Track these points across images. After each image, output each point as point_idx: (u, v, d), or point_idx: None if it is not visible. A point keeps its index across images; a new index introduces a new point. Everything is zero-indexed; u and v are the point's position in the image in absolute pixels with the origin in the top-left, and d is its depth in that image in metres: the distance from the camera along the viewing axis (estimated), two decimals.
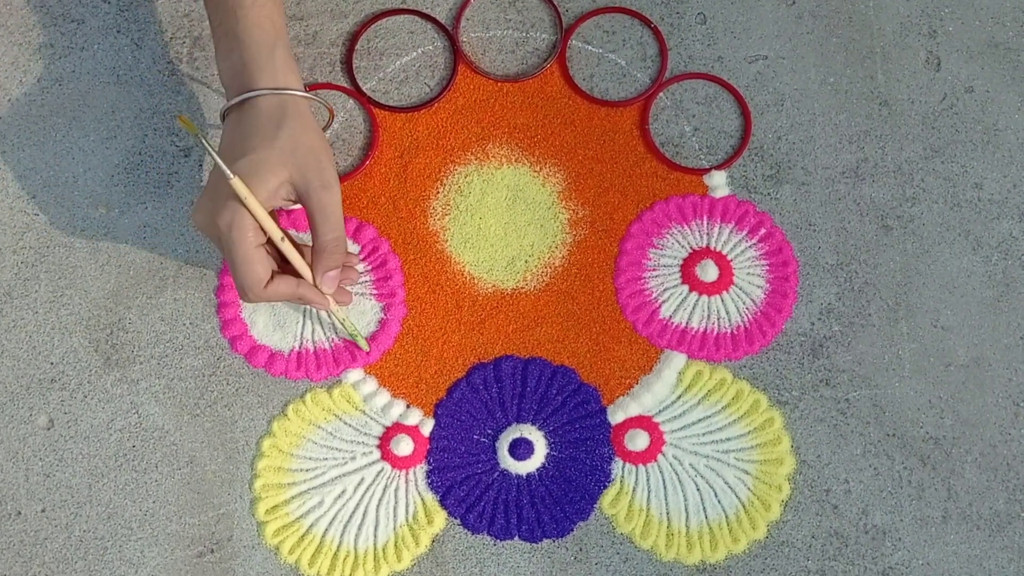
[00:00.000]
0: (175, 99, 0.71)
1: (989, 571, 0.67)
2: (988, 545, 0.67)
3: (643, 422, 0.68)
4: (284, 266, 0.63)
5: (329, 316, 0.67)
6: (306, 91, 0.62)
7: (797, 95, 0.72)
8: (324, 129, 0.68)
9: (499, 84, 0.72)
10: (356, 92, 0.71)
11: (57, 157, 0.70)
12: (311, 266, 0.62)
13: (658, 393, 0.68)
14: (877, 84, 0.72)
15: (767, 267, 0.70)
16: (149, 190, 0.70)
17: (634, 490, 0.68)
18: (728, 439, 0.68)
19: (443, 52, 0.72)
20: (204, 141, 0.58)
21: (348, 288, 0.67)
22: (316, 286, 0.63)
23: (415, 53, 0.72)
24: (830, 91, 0.72)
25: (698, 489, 0.68)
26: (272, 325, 0.68)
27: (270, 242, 0.61)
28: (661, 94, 0.72)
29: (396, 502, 0.67)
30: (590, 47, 0.72)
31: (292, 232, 0.68)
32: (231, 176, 0.58)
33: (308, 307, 0.68)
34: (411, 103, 0.72)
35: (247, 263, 0.59)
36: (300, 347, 0.68)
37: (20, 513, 0.67)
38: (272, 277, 0.61)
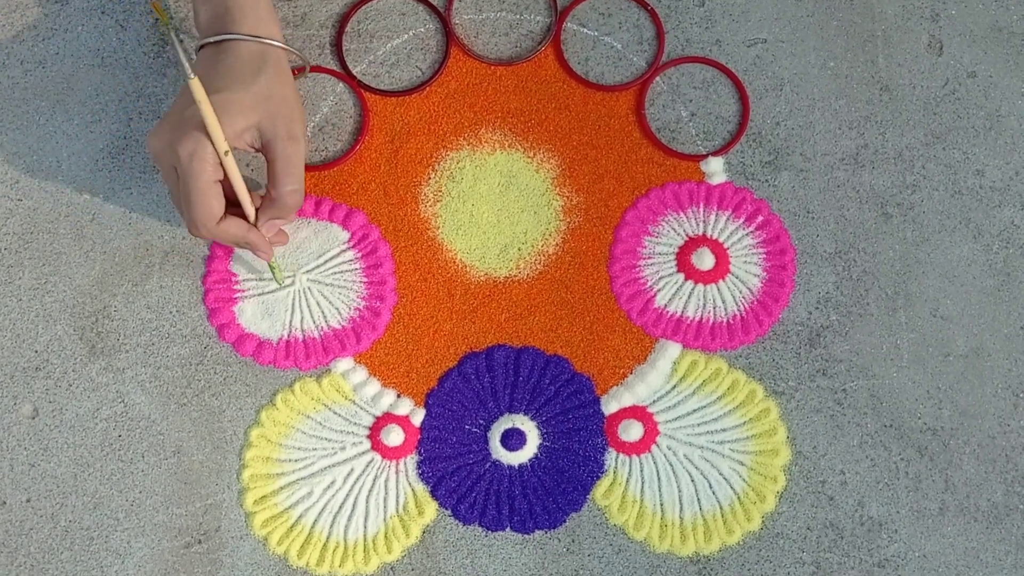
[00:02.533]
0: (161, 82, 0.69)
1: (986, 563, 0.67)
2: (985, 537, 0.67)
3: (637, 412, 0.67)
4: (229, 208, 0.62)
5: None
6: (284, 42, 0.62)
7: (796, 80, 0.70)
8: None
9: (492, 68, 0.70)
10: (346, 75, 0.70)
11: (40, 141, 0.69)
12: (257, 209, 0.62)
13: (652, 383, 0.67)
14: (878, 69, 0.70)
15: (764, 255, 0.68)
16: (134, 175, 0.69)
17: (627, 481, 0.67)
18: (723, 430, 0.67)
19: (435, 35, 0.71)
20: (173, 35, 0.57)
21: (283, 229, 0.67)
22: (255, 226, 0.62)
23: (406, 35, 0.71)
24: (830, 76, 0.70)
25: (692, 480, 0.67)
26: (260, 313, 0.67)
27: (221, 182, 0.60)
28: (658, 78, 0.70)
29: (386, 493, 0.67)
30: (585, 30, 0.71)
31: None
32: (191, 75, 0.57)
33: (297, 297, 0.67)
34: (402, 87, 0.70)
35: (203, 195, 0.59)
36: (288, 336, 0.67)
37: (5, 503, 0.66)
38: (224, 216, 0.60)
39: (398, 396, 0.67)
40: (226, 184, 0.61)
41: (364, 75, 0.70)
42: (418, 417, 0.67)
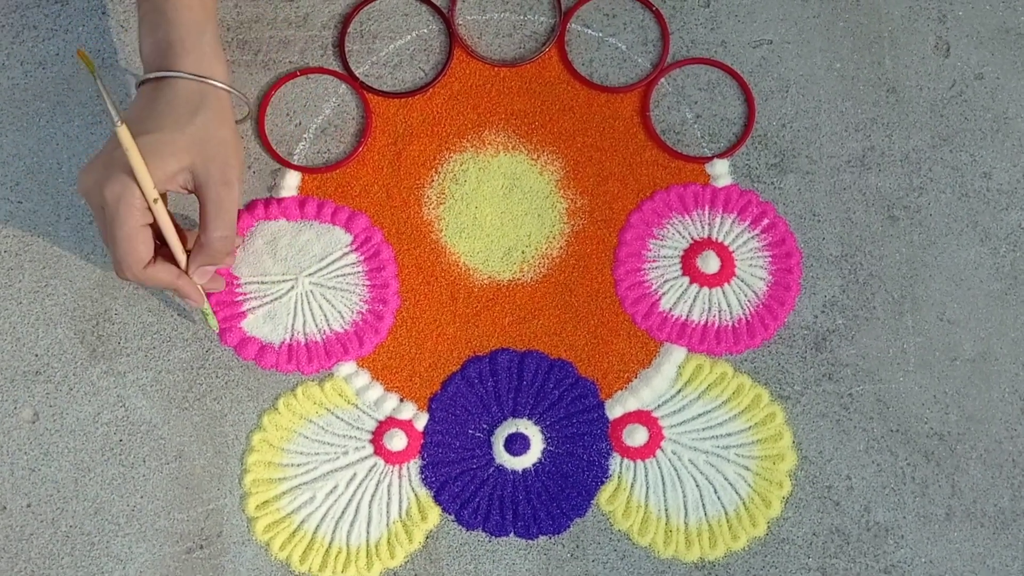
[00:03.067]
0: None
1: (993, 569, 0.66)
2: (992, 543, 0.66)
3: (642, 417, 0.67)
4: (161, 248, 0.61)
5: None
6: (228, 85, 0.61)
7: (802, 81, 0.70)
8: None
9: (496, 69, 0.70)
10: (348, 76, 0.69)
11: (40, 143, 0.68)
12: (188, 254, 0.61)
13: (657, 387, 0.67)
14: (885, 70, 0.70)
15: (770, 258, 0.68)
16: None
17: (632, 486, 0.66)
18: (728, 434, 0.67)
19: (438, 36, 0.70)
20: (99, 82, 0.55)
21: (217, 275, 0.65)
22: (187, 272, 0.61)
23: (409, 36, 0.70)
24: (836, 77, 0.70)
25: (697, 485, 0.66)
26: (262, 317, 0.67)
27: (152, 225, 0.59)
28: (662, 80, 0.70)
29: (389, 498, 0.66)
30: (590, 31, 0.70)
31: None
32: (118, 123, 0.56)
33: (299, 300, 0.67)
34: (405, 88, 0.70)
35: (130, 240, 0.58)
36: (291, 339, 0.67)
37: (5, 508, 0.66)
38: (154, 260, 0.59)
39: (401, 400, 0.67)
40: (156, 228, 0.60)
41: (367, 76, 0.70)
42: (421, 421, 0.67)
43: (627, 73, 0.70)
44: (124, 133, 0.56)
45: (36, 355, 0.67)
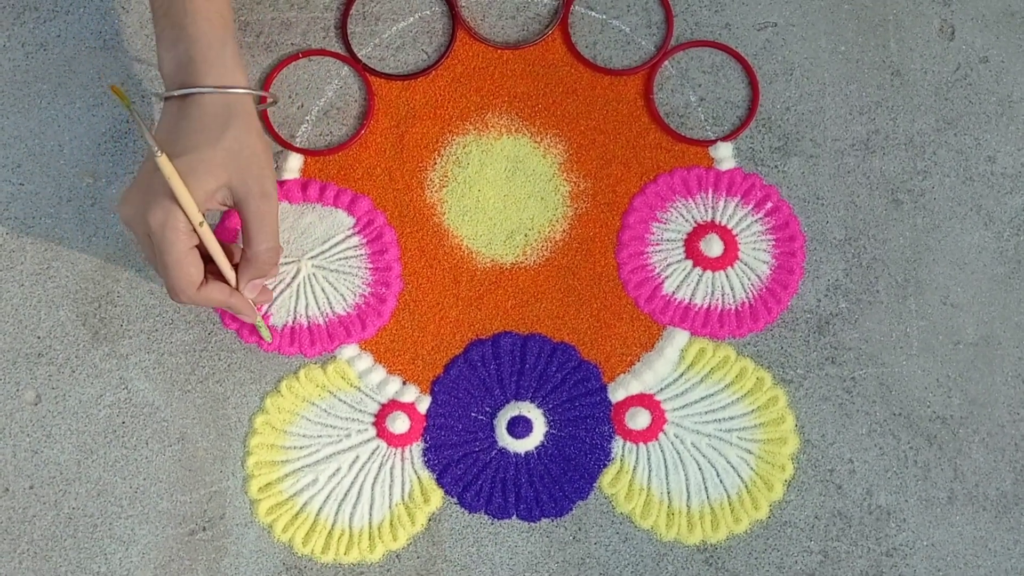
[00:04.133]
0: None
1: (994, 552, 0.66)
2: (994, 527, 0.66)
3: (644, 400, 0.67)
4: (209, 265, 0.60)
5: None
6: (251, 87, 0.60)
7: (807, 64, 0.69)
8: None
9: (499, 51, 0.69)
10: (351, 59, 0.69)
11: (42, 125, 0.68)
12: (236, 269, 0.61)
13: (660, 371, 0.67)
14: (889, 53, 0.70)
15: (773, 242, 0.68)
16: (137, 159, 0.68)
17: (634, 469, 0.66)
18: (731, 418, 0.67)
19: (441, 17, 0.70)
20: (137, 116, 0.55)
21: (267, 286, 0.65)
22: (238, 289, 0.61)
23: (412, 18, 0.70)
24: (841, 60, 0.69)
25: (700, 468, 0.66)
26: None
27: (199, 246, 0.59)
28: (666, 62, 0.69)
29: (392, 480, 0.66)
30: (593, 13, 0.70)
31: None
32: (158, 153, 0.55)
33: (302, 283, 0.67)
34: (408, 70, 0.69)
35: (180, 265, 0.57)
36: (293, 322, 0.67)
37: (8, 490, 0.66)
38: (205, 280, 0.59)
39: (404, 383, 0.67)
40: (203, 246, 0.59)
41: (369, 58, 0.69)
42: (424, 404, 0.67)
43: (631, 55, 0.70)
44: (165, 162, 0.55)
45: (38, 337, 0.67)
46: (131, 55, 0.69)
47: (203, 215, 0.58)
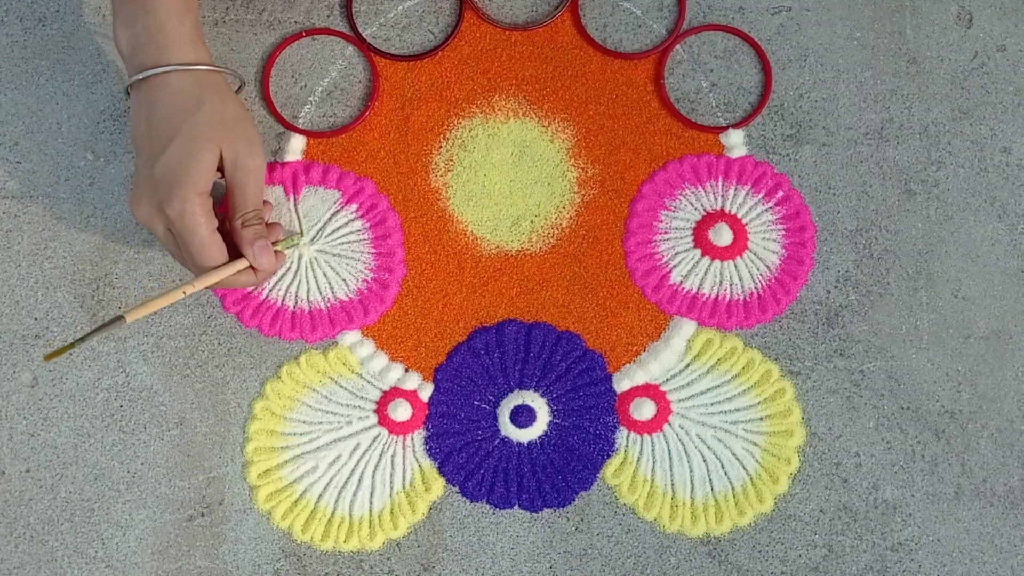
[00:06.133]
0: None
1: (1000, 548, 0.66)
2: (1000, 522, 0.66)
3: (650, 391, 0.66)
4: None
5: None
6: (215, 65, 0.59)
7: (821, 50, 0.68)
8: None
9: (507, 33, 0.68)
10: (355, 38, 0.68)
11: (40, 102, 0.67)
12: (237, 242, 0.59)
13: (666, 361, 0.66)
14: (905, 40, 0.68)
15: (783, 232, 0.67)
16: None
17: (638, 460, 0.66)
18: (737, 410, 0.66)
19: None
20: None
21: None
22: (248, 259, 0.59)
23: None
24: (856, 46, 0.68)
25: (704, 460, 0.66)
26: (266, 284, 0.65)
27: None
28: (678, 46, 0.68)
29: (393, 468, 0.65)
30: None
31: None
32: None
33: (304, 268, 0.66)
34: (413, 51, 0.68)
35: (206, 249, 0.57)
36: (295, 307, 0.66)
37: (4, 473, 0.65)
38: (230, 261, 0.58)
39: (406, 370, 0.66)
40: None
41: (374, 38, 0.68)
42: (426, 392, 0.66)
43: (642, 39, 0.68)
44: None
45: (35, 319, 0.66)
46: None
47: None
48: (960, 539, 0.66)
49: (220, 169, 0.58)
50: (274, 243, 0.61)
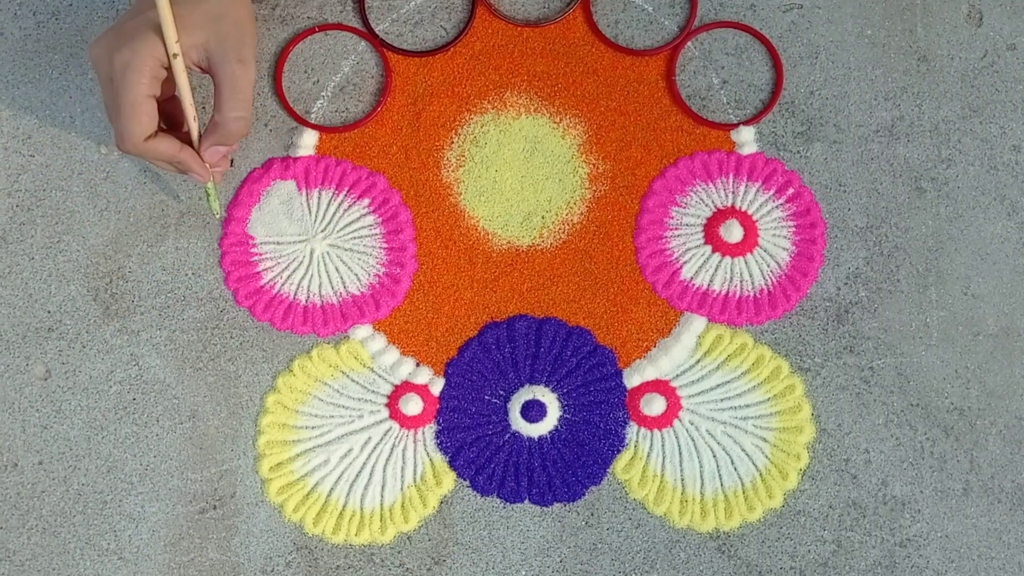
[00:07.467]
0: None
1: (1009, 545, 0.66)
2: (1009, 519, 0.66)
3: (660, 386, 0.66)
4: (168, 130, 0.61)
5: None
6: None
7: (832, 48, 0.68)
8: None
9: (519, 29, 0.68)
10: (368, 34, 0.68)
11: (54, 95, 0.67)
12: (200, 134, 0.60)
13: (676, 357, 0.66)
14: (916, 38, 0.68)
15: (794, 228, 0.67)
16: None
17: (648, 455, 0.66)
18: (747, 405, 0.66)
19: None
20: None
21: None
22: (199, 151, 0.60)
23: None
24: (867, 44, 0.68)
25: (714, 456, 0.66)
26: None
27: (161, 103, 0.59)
28: (689, 43, 0.68)
29: (404, 462, 0.66)
30: None
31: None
32: None
33: (316, 262, 0.66)
34: (426, 47, 0.68)
35: (133, 109, 0.57)
36: (307, 301, 0.66)
37: (16, 465, 0.65)
38: (156, 133, 0.58)
39: (417, 365, 0.66)
40: (168, 107, 0.59)
41: (387, 34, 0.68)
42: (437, 386, 0.66)
43: (653, 36, 0.68)
44: None
45: (48, 312, 0.66)
46: None
47: (180, 52, 0.57)
48: (968, 535, 0.66)
49: (203, 68, 0.59)
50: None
